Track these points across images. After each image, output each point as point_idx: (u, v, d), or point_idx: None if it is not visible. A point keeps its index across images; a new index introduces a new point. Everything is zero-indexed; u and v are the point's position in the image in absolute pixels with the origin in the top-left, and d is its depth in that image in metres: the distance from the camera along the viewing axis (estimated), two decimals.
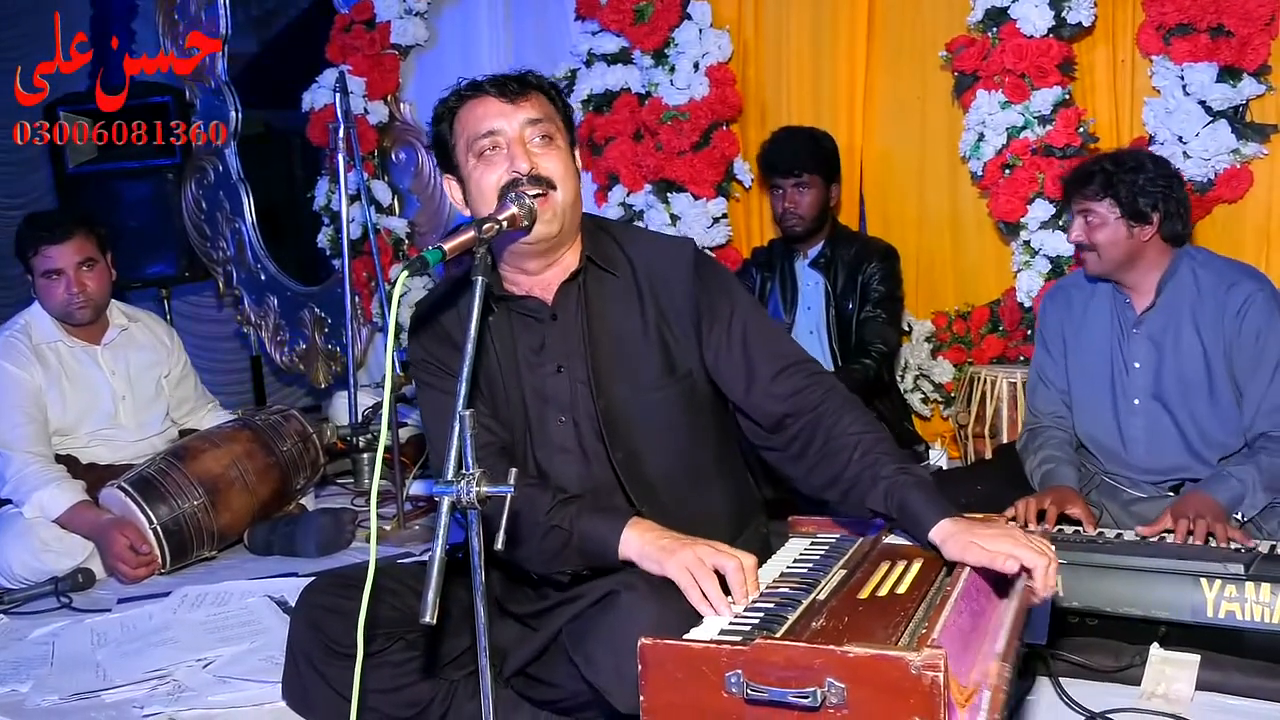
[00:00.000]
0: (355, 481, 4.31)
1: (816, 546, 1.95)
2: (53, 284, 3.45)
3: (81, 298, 3.47)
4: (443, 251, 1.59)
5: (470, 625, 1.54)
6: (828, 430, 1.88)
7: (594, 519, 1.86)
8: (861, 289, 3.61)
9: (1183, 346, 2.62)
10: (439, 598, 1.39)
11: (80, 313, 3.49)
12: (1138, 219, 2.60)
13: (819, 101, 4.24)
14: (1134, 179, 2.59)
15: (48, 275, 3.45)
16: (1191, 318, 2.61)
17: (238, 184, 5.51)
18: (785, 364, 1.97)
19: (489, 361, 2.01)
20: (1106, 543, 2.34)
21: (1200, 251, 2.72)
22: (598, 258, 2.01)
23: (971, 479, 3.01)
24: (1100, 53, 3.69)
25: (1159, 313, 2.65)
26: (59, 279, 3.45)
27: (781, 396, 1.94)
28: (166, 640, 2.65)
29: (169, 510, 3.25)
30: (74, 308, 3.47)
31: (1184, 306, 2.62)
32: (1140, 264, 2.65)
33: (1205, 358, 2.59)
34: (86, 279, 3.48)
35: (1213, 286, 2.60)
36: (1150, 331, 2.66)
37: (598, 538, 1.84)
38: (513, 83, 1.94)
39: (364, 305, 5.16)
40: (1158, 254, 2.64)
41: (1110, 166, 2.64)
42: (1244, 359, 2.56)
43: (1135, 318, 2.68)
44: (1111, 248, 2.64)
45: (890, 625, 1.48)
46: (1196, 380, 2.61)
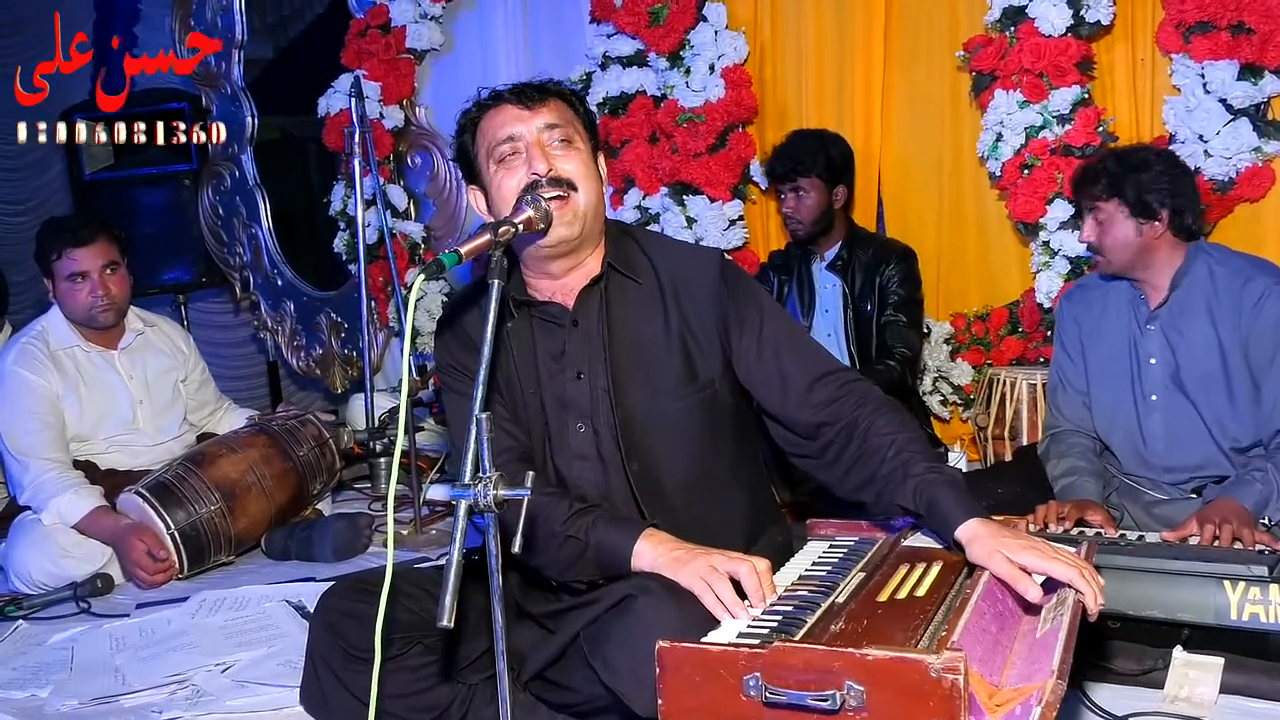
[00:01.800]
0: (372, 486, 4.32)
1: (835, 549, 1.95)
2: (76, 288, 3.49)
3: (106, 300, 3.50)
4: (459, 255, 1.60)
5: (488, 628, 1.54)
6: (864, 433, 1.88)
7: (609, 530, 1.87)
8: (880, 291, 3.61)
9: (1198, 341, 2.60)
10: (456, 601, 1.40)
11: (104, 315, 3.52)
12: (1146, 216, 2.59)
13: (836, 102, 4.24)
14: (1139, 177, 2.59)
15: (72, 279, 3.48)
16: (1207, 312, 2.60)
17: (254, 189, 5.55)
18: (820, 373, 1.97)
19: (509, 366, 2.02)
20: (1129, 545, 2.32)
21: (1216, 248, 2.70)
22: (620, 263, 2.01)
23: (991, 482, 3.00)
24: (1119, 51, 3.68)
25: (1173, 307, 2.64)
26: (83, 282, 3.48)
27: (818, 405, 1.94)
28: (185, 645, 2.67)
29: (186, 516, 3.27)
30: (98, 310, 3.51)
31: (1199, 301, 2.61)
32: (1153, 261, 2.64)
33: (1221, 352, 2.58)
34: (110, 282, 3.52)
35: (1228, 281, 2.59)
36: (1165, 326, 2.65)
37: (612, 549, 1.85)
38: (531, 90, 1.97)
39: (380, 310, 5.18)
40: (1170, 249, 2.64)
41: (1115, 165, 2.63)
42: (1261, 353, 2.54)
43: (1150, 313, 2.68)
44: (1120, 249, 2.63)
45: (910, 628, 1.48)
46: (1213, 375, 2.59)
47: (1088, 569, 1.61)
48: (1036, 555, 1.62)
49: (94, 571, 3.24)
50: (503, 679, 1.52)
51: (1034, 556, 1.62)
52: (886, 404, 1.95)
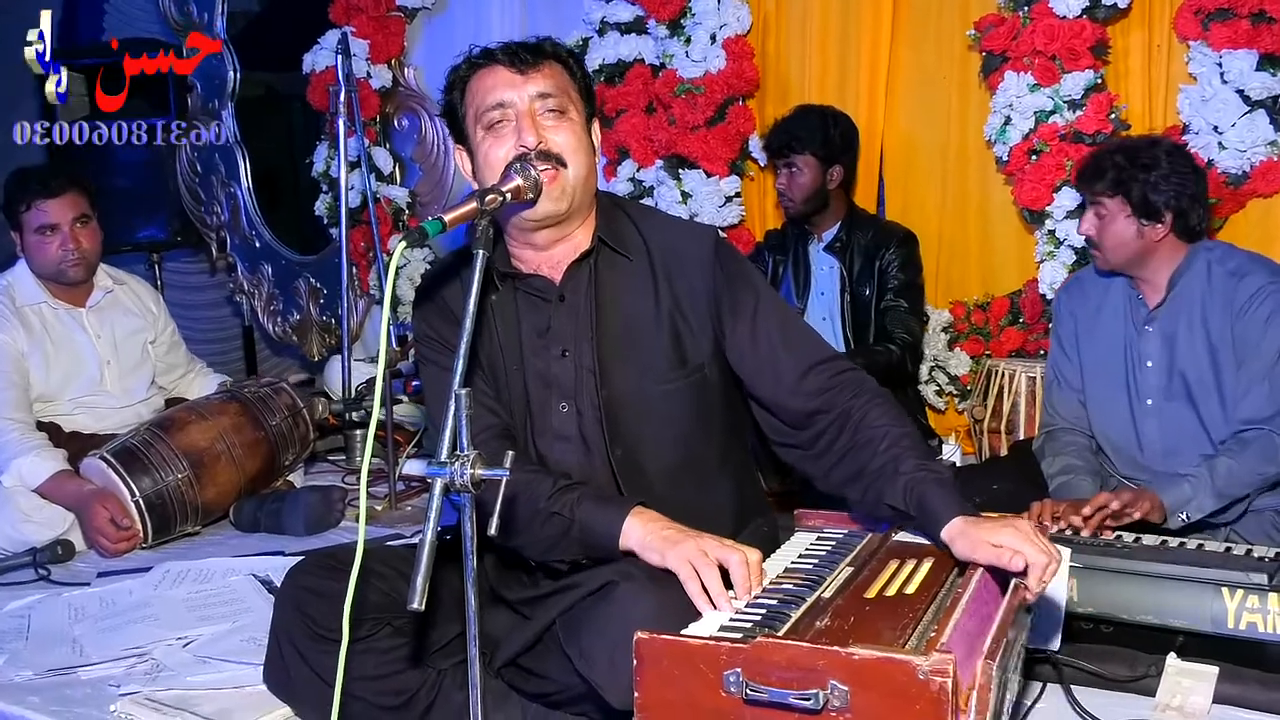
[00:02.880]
0: (347, 459, 4.30)
1: (823, 541, 1.94)
2: (46, 241, 3.46)
3: (76, 254, 3.48)
4: (443, 223, 1.59)
5: (461, 613, 1.53)
6: (856, 424, 1.88)
7: (595, 507, 1.85)
8: (879, 276, 3.59)
9: (1193, 343, 2.60)
10: (428, 583, 1.38)
11: (74, 270, 3.50)
12: (1149, 217, 2.58)
13: (839, 78, 4.20)
14: (1146, 176, 2.57)
15: (41, 231, 3.45)
16: (1201, 313, 2.59)
17: (234, 147, 5.50)
18: (814, 360, 1.96)
19: (491, 341, 2.00)
20: (1124, 547, 2.32)
21: (1219, 245, 2.69)
22: (611, 238, 1.99)
23: (987, 477, 3.00)
24: (1135, 36, 3.65)
25: (1170, 308, 2.63)
26: (53, 235, 3.46)
27: (810, 394, 1.93)
28: (146, 617, 2.65)
29: (152, 483, 3.24)
30: (69, 265, 3.49)
31: (1195, 302, 2.60)
32: (1151, 260, 2.64)
33: (1212, 354, 2.58)
34: (82, 235, 3.50)
35: (1224, 280, 2.58)
36: (1162, 328, 2.64)
37: (599, 526, 1.83)
38: (525, 52, 1.93)
39: (361, 276, 5.15)
40: (1171, 250, 2.63)
41: (1123, 161, 2.61)
42: (1242, 351, 2.54)
43: (1147, 314, 2.67)
44: (1119, 247, 2.62)
45: (898, 627, 1.47)
46: (1206, 379, 2.59)
47: (1055, 560, 1.65)
48: (1013, 534, 1.66)
49: (55, 538, 3.21)
50: (474, 665, 1.50)
51: (1010, 535, 1.66)
52: (881, 395, 1.94)
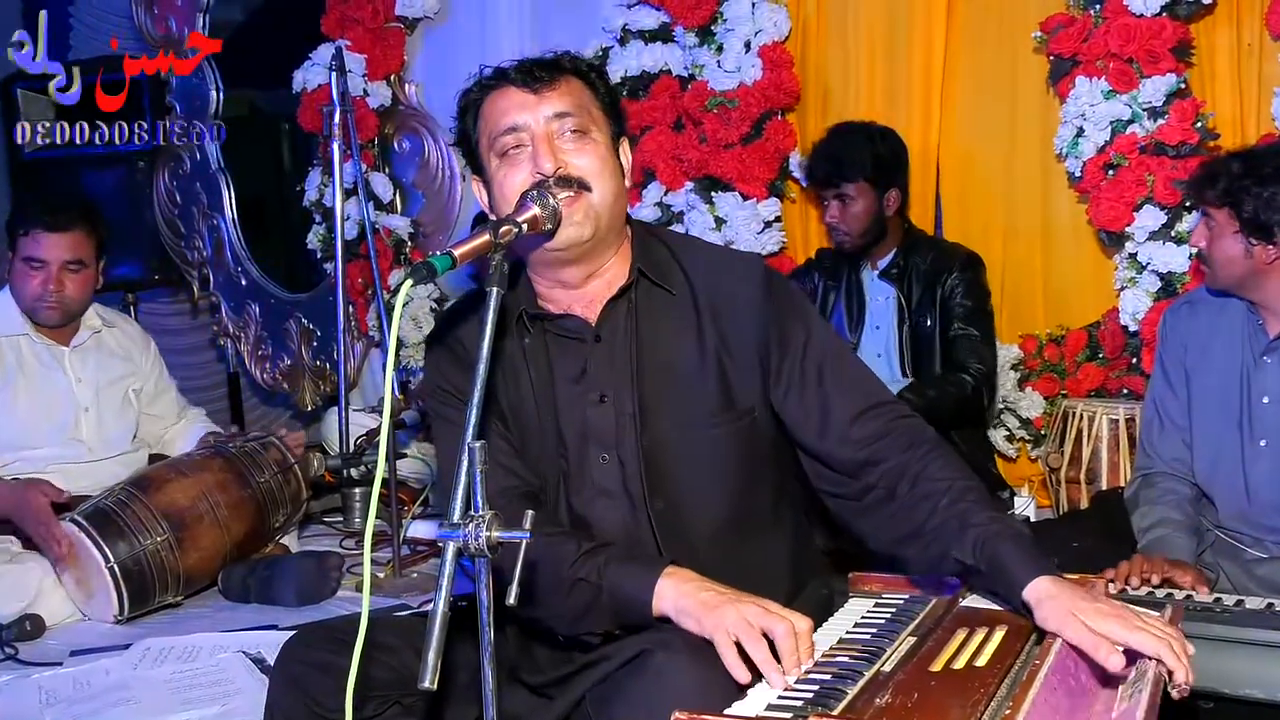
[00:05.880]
0: (345, 520, 4.32)
1: (882, 608, 1.94)
2: (31, 273, 3.54)
3: (54, 299, 3.55)
4: (453, 258, 1.59)
5: (478, 692, 1.53)
6: (914, 477, 1.86)
7: (624, 569, 1.84)
8: (942, 304, 3.58)
9: None
10: (441, 659, 1.39)
11: (48, 313, 3.57)
12: (1260, 237, 2.56)
13: (889, 89, 4.24)
14: (1261, 190, 2.55)
15: (28, 262, 3.53)
16: None
17: (217, 174, 5.58)
18: (867, 405, 1.95)
19: (521, 393, 2.01)
20: (1224, 611, 2.30)
21: None
22: (650, 270, 2.00)
23: (1064, 533, 2.98)
24: (1222, 35, 3.67)
25: None
26: (39, 270, 3.53)
27: (861, 442, 1.92)
28: (124, 700, 2.67)
29: (129, 548, 3.25)
30: (43, 305, 3.56)
31: None
32: (1266, 284, 2.62)
33: None
34: (68, 280, 3.56)
35: None
36: None
37: (628, 590, 1.82)
38: (540, 69, 1.94)
39: (359, 316, 5.19)
40: None
41: (1238, 169, 2.60)
42: None
43: (1268, 343, 2.65)
44: (1226, 265, 2.61)
45: (968, 704, 1.47)
46: None
47: (1178, 640, 1.59)
48: (1119, 623, 1.60)
49: (21, 611, 3.22)
50: None
51: (1116, 625, 1.59)
52: (941, 446, 1.93)
